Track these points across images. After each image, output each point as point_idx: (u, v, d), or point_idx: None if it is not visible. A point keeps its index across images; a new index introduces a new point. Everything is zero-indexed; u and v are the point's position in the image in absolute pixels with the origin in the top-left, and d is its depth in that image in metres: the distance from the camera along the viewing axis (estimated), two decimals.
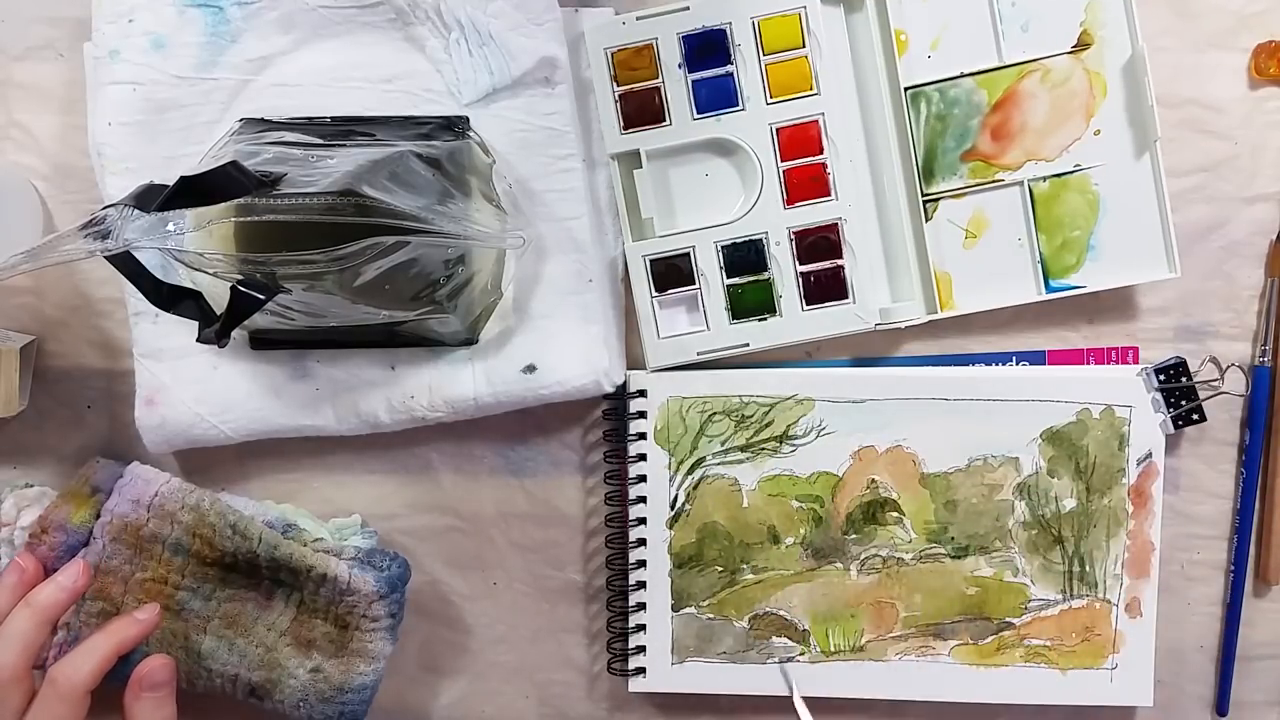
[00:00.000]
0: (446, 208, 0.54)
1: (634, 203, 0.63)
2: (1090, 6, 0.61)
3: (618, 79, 0.62)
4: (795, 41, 0.62)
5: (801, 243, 0.63)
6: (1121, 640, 0.64)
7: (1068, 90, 0.61)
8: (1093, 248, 0.62)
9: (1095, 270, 0.62)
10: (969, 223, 0.62)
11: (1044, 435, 0.63)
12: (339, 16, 0.61)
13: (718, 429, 0.64)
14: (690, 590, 0.65)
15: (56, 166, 0.66)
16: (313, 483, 0.67)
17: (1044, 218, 0.62)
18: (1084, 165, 0.62)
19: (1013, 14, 0.61)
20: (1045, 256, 0.62)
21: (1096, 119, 0.61)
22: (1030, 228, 0.62)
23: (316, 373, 0.63)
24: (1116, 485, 0.63)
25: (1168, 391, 0.63)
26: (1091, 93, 0.61)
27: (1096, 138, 0.61)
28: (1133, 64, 0.61)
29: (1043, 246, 0.62)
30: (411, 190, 0.53)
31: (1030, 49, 0.61)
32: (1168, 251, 0.61)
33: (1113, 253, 0.62)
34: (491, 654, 0.68)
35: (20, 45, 0.65)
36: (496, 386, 0.62)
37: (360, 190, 0.49)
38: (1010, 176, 0.62)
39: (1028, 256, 0.62)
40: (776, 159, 0.62)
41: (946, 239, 0.63)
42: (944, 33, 0.62)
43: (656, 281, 0.63)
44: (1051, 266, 0.62)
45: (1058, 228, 0.62)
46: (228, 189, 0.48)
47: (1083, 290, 0.62)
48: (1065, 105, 0.61)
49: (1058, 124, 0.61)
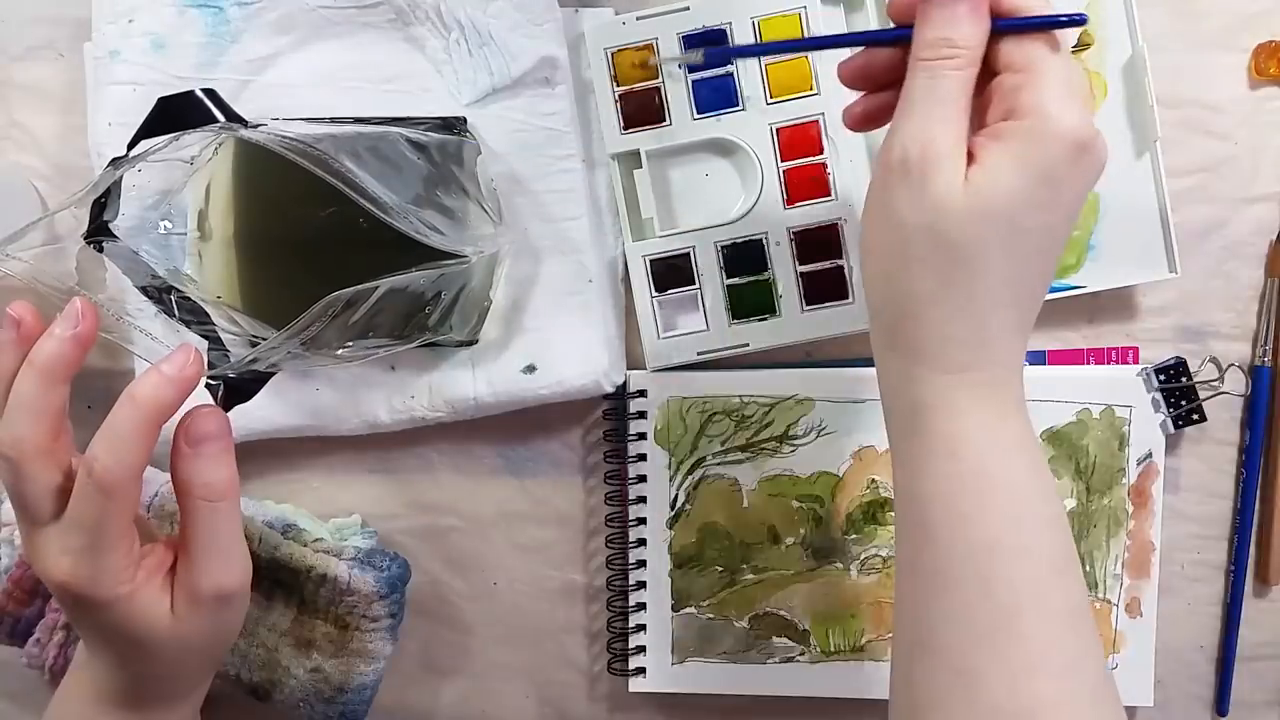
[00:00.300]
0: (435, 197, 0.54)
1: (634, 203, 0.63)
2: (1090, 6, 0.61)
3: (618, 79, 0.62)
4: None
5: (802, 242, 0.63)
6: (1121, 640, 0.64)
7: None
8: (1092, 248, 0.62)
9: (1095, 270, 0.62)
10: None
11: (1044, 435, 0.63)
12: (339, 17, 0.61)
13: (718, 429, 0.64)
14: (690, 590, 0.65)
15: (56, 166, 0.66)
16: (313, 483, 0.67)
17: None
18: None
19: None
20: None
21: (1096, 119, 0.61)
22: None
23: (316, 373, 0.63)
24: (1116, 485, 0.63)
25: (1168, 391, 0.63)
26: (1091, 93, 0.61)
27: None
28: (1133, 64, 0.61)
29: None
30: (397, 173, 0.53)
31: None
32: (1168, 252, 0.61)
33: (1112, 253, 0.62)
34: (491, 654, 0.68)
35: (20, 45, 0.65)
36: (496, 387, 0.62)
37: (333, 156, 0.48)
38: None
39: None
40: (777, 159, 0.62)
41: None
42: None
43: (656, 282, 0.63)
44: None
45: None
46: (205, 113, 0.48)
47: (1082, 290, 0.62)
48: None
49: None
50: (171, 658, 0.48)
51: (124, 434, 0.44)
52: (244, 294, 0.56)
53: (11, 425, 0.45)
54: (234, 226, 0.56)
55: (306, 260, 0.56)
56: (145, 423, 0.44)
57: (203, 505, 0.46)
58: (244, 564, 0.48)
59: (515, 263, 0.62)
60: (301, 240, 0.55)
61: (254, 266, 0.56)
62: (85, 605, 0.45)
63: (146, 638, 0.47)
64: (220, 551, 0.47)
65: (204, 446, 0.46)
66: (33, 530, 0.45)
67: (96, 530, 0.44)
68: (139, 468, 0.44)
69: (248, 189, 0.56)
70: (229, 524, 0.47)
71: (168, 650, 0.48)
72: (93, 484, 0.43)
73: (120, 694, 0.49)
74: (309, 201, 0.52)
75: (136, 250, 0.50)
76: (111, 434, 0.44)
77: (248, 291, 0.56)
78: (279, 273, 0.57)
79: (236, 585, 0.48)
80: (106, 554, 0.44)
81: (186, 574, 0.47)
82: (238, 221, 0.56)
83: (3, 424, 0.45)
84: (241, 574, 0.48)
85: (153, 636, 0.47)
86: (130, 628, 0.46)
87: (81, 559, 0.44)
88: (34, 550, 0.45)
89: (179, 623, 0.47)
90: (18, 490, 0.45)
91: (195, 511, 0.46)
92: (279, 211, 0.56)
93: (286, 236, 0.56)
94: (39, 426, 0.45)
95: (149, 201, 0.52)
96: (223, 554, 0.47)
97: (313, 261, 0.55)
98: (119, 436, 0.43)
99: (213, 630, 0.49)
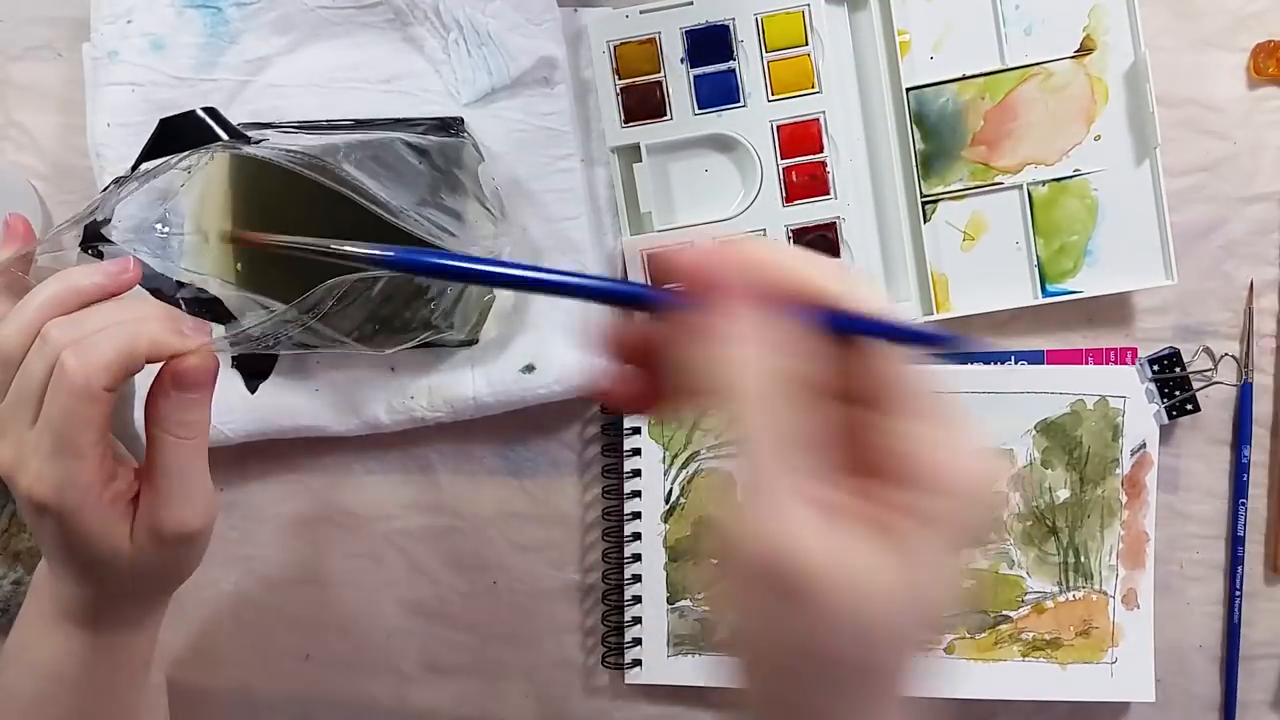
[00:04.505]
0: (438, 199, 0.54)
1: (633, 197, 0.63)
2: (1094, 12, 0.60)
3: (619, 72, 0.62)
4: (798, 39, 0.61)
5: (799, 241, 0.63)
6: (1120, 633, 0.64)
7: (1069, 95, 0.61)
8: (1090, 253, 0.62)
9: (1092, 275, 0.62)
10: (967, 225, 0.62)
11: (1038, 427, 0.63)
12: (337, 17, 0.61)
13: (712, 423, 0.64)
14: (685, 583, 0.65)
15: (55, 166, 0.66)
16: (312, 483, 0.68)
17: (1042, 222, 0.62)
18: (1083, 170, 0.61)
19: (1016, 17, 0.61)
20: (1043, 260, 0.62)
21: (1097, 124, 0.61)
22: (1028, 231, 0.62)
23: (316, 373, 0.63)
24: (1110, 476, 0.63)
25: (1161, 382, 0.63)
26: (1093, 98, 0.61)
27: (1097, 143, 0.61)
28: (1135, 70, 0.60)
29: (1040, 250, 0.62)
30: (399, 179, 0.53)
31: (1033, 53, 0.61)
32: (1165, 258, 0.61)
33: (1110, 258, 0.62)
34: (491, 654, 0.69)
35: (19, 45, 0.65)
36: (496, 387, 0.63)
37: (336, 165, 0.48)
38: (1009, 180, 0.62)
39: (1025, 260, 0.62)
40: (776, 156, 0.62)
41: (944, 241, 0.63)
42: (947, 34, 0.62)
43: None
44: (1049, 270, 0.62)
45: (1056, 232, 0.62)
46: (208, 132, 0.48)
47: (1079, 295, 0.62)
48: (1066, 110, 0.61)
49: (1058, 128, 0.61)
50: (127, 584, 0.48)
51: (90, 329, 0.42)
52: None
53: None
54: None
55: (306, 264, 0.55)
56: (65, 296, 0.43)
57: (172, 441, 0.45)
58: (209, 503, 0.47)
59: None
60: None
61: (251, 270, 0.56)
62: (48, 513, 0.44)
63: (104, 559, 0.46)
64: (184, 489, 0.46)
65: (189, 391, 0.45)
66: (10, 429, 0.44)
67: (65, 434, 0.42)
68: (112, 370, 0.42)
69: (245, 196, 0.56)
70: (196, 461, 0.46)
71: (123, 575, 0.47)
72: (64, 383, 0.41)
73: (79, 612, 0.49)
74: (309, 203, 0.52)
75: (135, 253, 0.50)
76: (76, 330, 0.42)
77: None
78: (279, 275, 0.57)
79: (201, 524, 0.47)
80: (75, 461, 0.43)
81: (150, 509, 0.45)
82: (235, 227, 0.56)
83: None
84: (206, 513, 0.47)
85: (111, 560, 0.46)
86: (89, 546, 0.45)
87: (48, 463, 0.43)
88: (9, 452, 0.44)
89: (138, 552, 0.46)
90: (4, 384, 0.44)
91: (164, 445, 0.45)
92: (277, 215, 0.56)
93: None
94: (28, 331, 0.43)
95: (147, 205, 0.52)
96: (188, 491, 0.46)
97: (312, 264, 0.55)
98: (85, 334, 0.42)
99: (173, 565, 0.49)
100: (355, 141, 0.53)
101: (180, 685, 0.69)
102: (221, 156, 0.54)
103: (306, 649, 0.70)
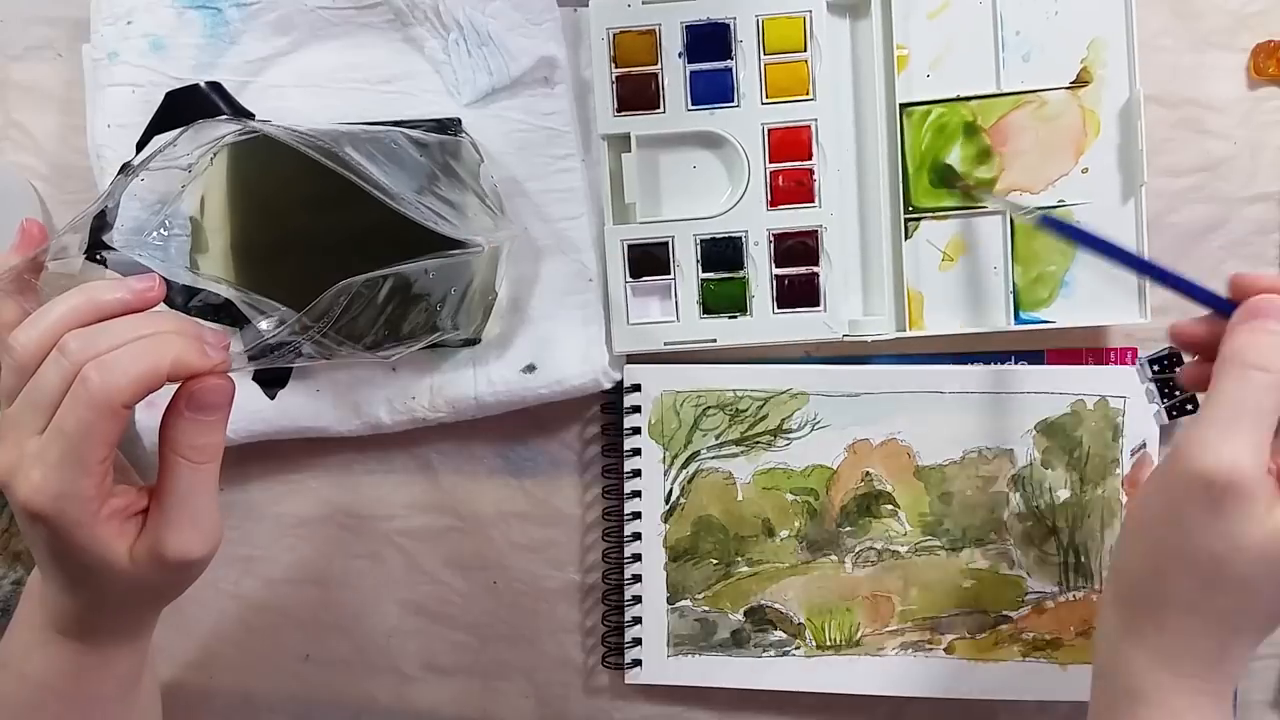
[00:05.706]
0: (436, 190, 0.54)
1: (619, 186, 0.63)
2: (1093, 45, 0.60)
3: (617, 60, 0.62)
4: (797, 44, 0.61)
5: (780, 245, 0.62)
6: None
7: (1060, 125, 0.61)
8: (1066, 284, 0.62)
9: (1066, 307, 0.62)
10: (947, 245, 0.62)
11: (1038, 427, 0.63)
12: (337, 18, 0.61)
13: (712, 423, 0.64)
14: (685, 583, 0.65)
15: (56, 166, 0.66)
16: (313, 483, 0.68)
17: (1022, 249, 0.61)
18: (1068, 202, 0.61)
19: (1016, 43, 0.61)
20: (1018, 288, 0.62)
21: (1086, 157, 0.61)
22: (1007, 258, 0.62)
23: (317, 373, 0.63)
24: (1110, 476, 0.63)
25: (1162, 382, 0.63)
26: (1084, 130, 0.61)
27: (1084, 176, 0.61)
28: (1128, 107, 0.60)
29: (1017, 278, 0.62)
30: (399, 167, 0.53)
31: (1029, 80, 0.61)
32: (1140, 296, 0.61)
33: (1086, 291, 0.62)
34: (491, 654, 0.69)
35: (19, 45, 0.65)
36: (497, 386, 0.63)
37: (340, 149, 0.49)
38: (993, 205, 0.62)
39: (1001, 286, 0.62)
40: (765, 159, 0.62)
41: (924, 259, 0.62)
42: (945, 54, 0.61)
43: (632, 267, 0.63)
44: (1024, 298, 0.62)
45: (1034, 261, 0.62)
46: (212, 106, 0.48)
47: (1051, 325, 0.62)
48: (1056, 140, 0.61)
49: (1047, 158, 0.61)
50: (119, 598, 0.48)
51: (111, 343, 0.42)
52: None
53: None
54: (231, 237, 0.56)
55: (308, 266, 0.56)
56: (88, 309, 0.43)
57: (185, 465, 0.45)
58: (215, 530, 0.47)
59: (515, 262, 0.62)
60: (302, 246, 0.55)
61: (253, 274, 0.57)
62: (43, 523, 0.44)
63: (96, 573, 0.46)
64: (192, 515, 0.46)
65: (205, 414, 0.45)
66: (12, 435, 0.44)
67: (76, 446, 0.42)
68: (135, 387, 0.42)
69: (244, 198, 0.56)
70: (207, 486, 0.46)
71: (116, 590, 0.47)
72: (85, 397, 0.41)
73: (68, 623, 0.49)
74: (309, 206, 0.52)
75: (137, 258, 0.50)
76: (96, 343, 0.42)
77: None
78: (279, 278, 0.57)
79: (204, 552, 0.47)
80: (79, 474, 0.43)
81: (155, 530, 0.45)
82: (234, 232, 0.56)
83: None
84: (211, 540, 0.47)
85: (102, 574, 0.46)
86: (82, 559, 0.45)
87: (51, 473, 0.42)
88: (8, 458, 0.44)
89: (135, 568, 0.46)
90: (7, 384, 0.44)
91: (176, 469, 0.45)
92: (278, 218, 0.56)
93: (286, 243, 0.56)
94: (47, 337, 0.43)
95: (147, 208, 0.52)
96: (195, 518, 0.46)
97: (314, 267, 0.55)
98: (105, 348, 0.42)
99: (169, 585, 0.49)
100: (357, 129, 0.53)
101: (180, 686, 0.70)
102: (220, 163, 0.55)
103: (306, 649, 0.70)
